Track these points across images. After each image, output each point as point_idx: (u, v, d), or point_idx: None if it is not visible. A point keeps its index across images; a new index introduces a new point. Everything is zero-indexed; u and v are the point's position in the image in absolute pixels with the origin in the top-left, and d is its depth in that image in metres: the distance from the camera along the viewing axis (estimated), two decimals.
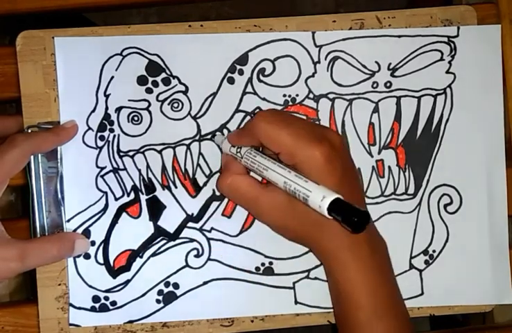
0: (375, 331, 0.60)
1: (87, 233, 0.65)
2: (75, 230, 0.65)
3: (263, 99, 0.67)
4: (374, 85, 0.68)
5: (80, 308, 0.65)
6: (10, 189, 0.75)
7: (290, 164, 0.59)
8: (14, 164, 0.60)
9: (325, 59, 0.67)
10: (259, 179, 0.64)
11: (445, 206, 0.69)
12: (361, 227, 0.52)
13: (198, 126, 0.66)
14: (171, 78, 0.66)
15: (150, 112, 0.66)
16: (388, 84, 0.68)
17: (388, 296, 0.62)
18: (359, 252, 0.60)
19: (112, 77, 0.66)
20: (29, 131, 0.64)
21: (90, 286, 0.66)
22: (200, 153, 0.66)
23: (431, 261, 0.68)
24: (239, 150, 0.62)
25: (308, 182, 0.56)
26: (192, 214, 0.66)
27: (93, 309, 0.65)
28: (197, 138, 0.67)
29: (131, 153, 0.66)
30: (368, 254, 0.60)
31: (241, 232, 0.67)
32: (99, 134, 0.66)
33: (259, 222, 0.66)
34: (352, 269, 0.60)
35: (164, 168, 0.66)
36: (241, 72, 0.67)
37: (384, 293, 0.61)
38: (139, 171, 0.66)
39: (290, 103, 0.67)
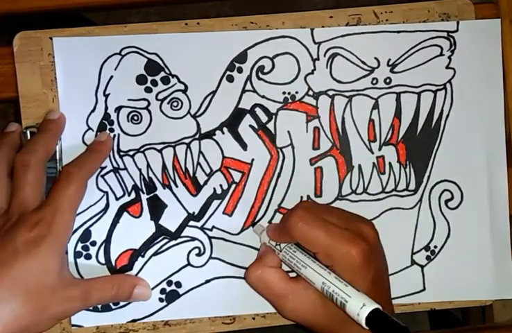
0: None
1: (87, 233, 0.65)
2: (75, 231, 0.65)
3: (263, 97, 0.67)
4: (374, 81, 0.68)
5: None
6: None
7: (327, 263, 0.58)
8: (76, 196, 0.61)
9: (324, 56, 0.67)
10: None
11: (446, 201, 0.68)
12: None
13: (198, 125, 0.66)
14: (170, 77, 0.66)
15: (149, 111, 0.66)
16: (388, 81, 0.68)
17: None
18: None
19: (111, 76, 0.66)
20: (27, 132, 0.65)
21: None
22: (200, 152, 0.66)
23: (432, 257, 0.68)
24: (278, 243, 0.62)
25: (348, 287, 0.55)
26: (193, 213, 0.66)
27: (95, 309, 0.65)
28: (197, 137, 0.66)
29: (131, 153, 0.66)
30: None
31: (242, 230, 0.67)
32: (99, 133, 0.65)
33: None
34: None
35: (164, 167, 0.66)
36: (240, 70, 0.67)
37: None
38: (140, 170, 0.66)
39: (289, 101, 0.67)
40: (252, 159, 0.67)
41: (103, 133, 0.65)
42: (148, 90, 0.66)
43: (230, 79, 0.67)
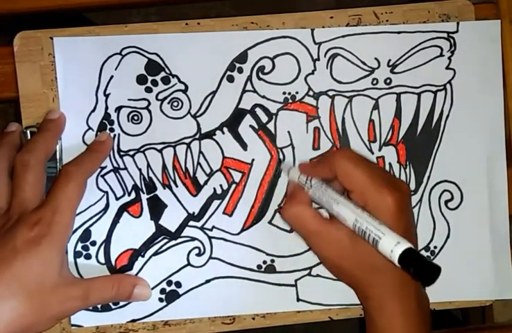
0: None
1: (87, 233, 0.65)
2: (75, 231, 0.65)
3: (263, 97, 0.67)
4: (374, 82, 0.68)
5: None
6: None
7: (360, 204, 0.59)
8: (75, 196, 0.61)
9: (325, 56, 0.67)
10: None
11: (446, 202, 0.68)
12: (431, 280, 0.52)
13: (198, 125, 0.66)
14: (171, 77, 0.66)
15: (150, 111, 0.66)
16: (388, 81, 0.68)
17: None
18: (407, 306, 0.60)
19: (112, 76, 0.66)
20: (28, 132, 0.65)
21: None
22: (200, 152, 0.66)
23: (432, 258, 0.68)
24: (309, 179, 0.62)
25: (382, 225, 0.56)
26: (193, 213, 0.66)
27: (95, 309, 0.65)
28: (197, 137, 0.66)
29: (131, 152, 0.66)
30: (415, 309, 0.61)
31: (242, 230, 0.67)
32: (99, 133, 0.65)
33: (265, 223, 0.66)
34: (398, 321, 0.60)
35: (164, 167, 0.66)
36: (240, 70, 0.67)
37: None
38: (140, 170, 0.66)
39: (290, 101, 0.67)
40: (253, 160, 0.67)
41: (103, 133, 0.65)
42: (149, 90, 0.66)
43: (231, 79, 0.67)
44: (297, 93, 0.67)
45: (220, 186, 0.67)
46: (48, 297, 0.58)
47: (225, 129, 0.67)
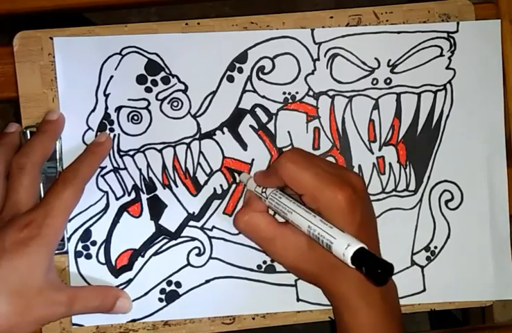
0: None
1: (88, 233, 0.65)
2: (76, 231, 0.65)
3: (263, 97, 0.67)
4: (374, 82, 0.68)
5: None
6: None
7: (313, 206, 0.59)
8: (70, 202, 0.61)
9: (325, 56, 0.67)
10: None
11: (446, 202, 0.68)
12: (384, 279, 0.52)
13: (198, 125, 0.66)
14: (171, 77, 0.66)
15: (149, 111, 0.66)
16: (388, 81, 0.68)
17: None
18: (371, 298, 0.60)
19: (112, 76, 0.66)
20: (27, 132, 0.65)
21: None
22: (200, 152, 0.66)
23: (432, 258, 0.68)
24: (264, 190, 0.62)
25: (333, 229, 0.56)
26: (193, 213, 0.66)
27: None
28: (197, 137, 0.66)
29: (131, 152, 0.66)
30: (380, 300, 0.60)
31: None
32: (99, 133, 0.65)
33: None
34: (363, 314, 0.60)
35: (164, 167, 0.66)
36: (240, 70, 0.67)
37: None
38: (140, 170, 0.66)
39: (290, 101, 0.67)
40: (253, 160, 0.67)
41: (102, 134, 0.65)
42: (148, 90, 0.66)
43: (231, 79, 0.67)
44: (297, 93, 0.67)
45: (221, 186, 0.67)
46: (32, 300, 0.57)
47: (225, 129, 0.67)
